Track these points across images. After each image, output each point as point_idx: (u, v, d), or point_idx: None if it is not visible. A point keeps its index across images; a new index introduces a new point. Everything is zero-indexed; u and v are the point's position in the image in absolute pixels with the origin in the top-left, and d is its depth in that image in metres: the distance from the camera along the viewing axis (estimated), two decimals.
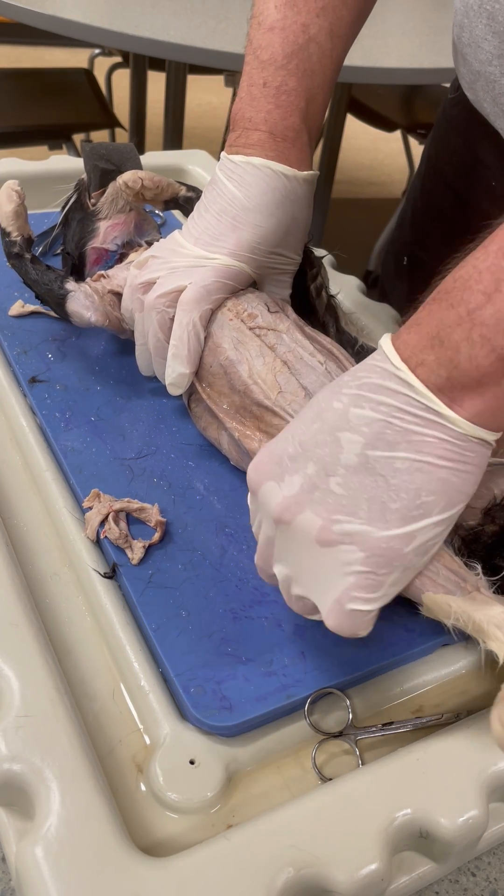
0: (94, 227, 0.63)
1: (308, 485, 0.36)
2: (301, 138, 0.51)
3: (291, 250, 0.54)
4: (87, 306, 0.56)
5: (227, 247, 0.51)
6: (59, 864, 0.32)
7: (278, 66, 0.50)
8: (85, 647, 0.43)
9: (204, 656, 0.42)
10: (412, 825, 0.35)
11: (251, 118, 0.51)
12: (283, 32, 0.50)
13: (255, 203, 0.51)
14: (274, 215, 0.51)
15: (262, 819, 0.35)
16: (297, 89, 0.50)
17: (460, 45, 0.62)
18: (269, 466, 0.38)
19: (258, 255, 0.52)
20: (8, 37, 3.51)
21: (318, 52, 0.51)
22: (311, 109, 0.51)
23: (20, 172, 0.79)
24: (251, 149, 0.51)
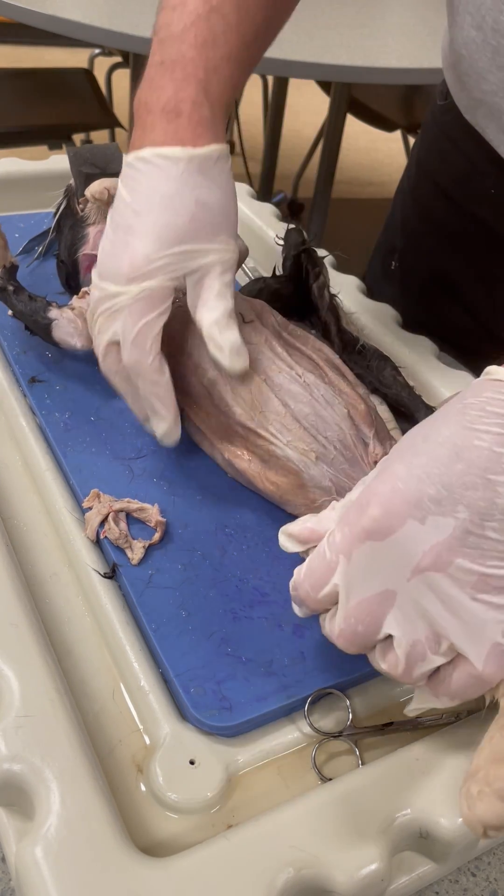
0: (83, 234, 0.62)
1: (461, 530, 0.33)
2: (199, 111, 0.46)
3: (209, 240, 0.47)
4: (71, 333, 0.56)
5: (121, 271, 0.46)
6: (59, 864, 0.32)
7: (175, 39, 0.46)
8: (85, 647, 0.43)
9: (204, 656, 0.42)
10: (412, 825, 0.35)
11: (146, 101, 0.47)
12: (184, 7, 0.46)
13: (145, 204, 0.46)
14: (168, 208, 0.45)
15: (262, 819, 0.35)
16: (194, 59, 0.46)
17: (458, 71, 0.62)
18: (407, 509, 0.33)
19: (162, 261, 0.45)
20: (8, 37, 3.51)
21: (222, 24, 0.46)
22: (214, 80, 0.46)
23: (20, 172, 0.79)
24: (144, 139, 0.46)
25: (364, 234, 2.39)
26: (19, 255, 0.70)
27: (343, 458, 0.47)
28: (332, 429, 0.47)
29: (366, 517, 0.34)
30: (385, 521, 0.34)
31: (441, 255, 0.76)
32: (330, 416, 0.47)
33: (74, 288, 0.64)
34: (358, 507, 0.35)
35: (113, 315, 0.46)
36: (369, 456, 0.47)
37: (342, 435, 0.47)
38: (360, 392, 0.50)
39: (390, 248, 0.83)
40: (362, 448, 0.47)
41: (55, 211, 0.67)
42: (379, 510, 0.34)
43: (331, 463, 0.46)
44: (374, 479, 0.35)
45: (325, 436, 0.47)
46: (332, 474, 0.46)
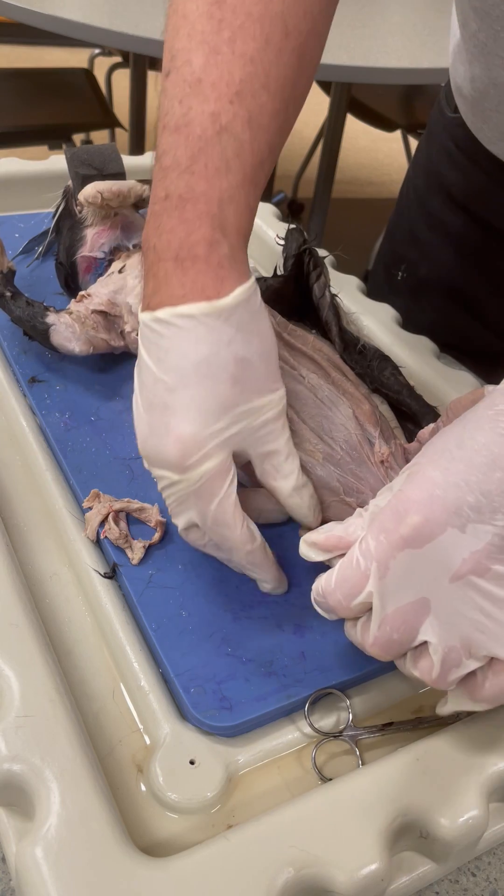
0: (81, 236, 0.62)
1: (500, 537, 0.33)
2: (217, 251, 0.39)
3: (258, 394, 0.41)
4: (69, 338, 0.56)
5: (171, 460, 0.39)
6: (59, 864, 0.32)
7: (182, 171, 0.39)
8: (85, 647, 0.43)
9: (204, 656, 0.42)
10: (412, 825, 0.35)
11: (154, 246, 0.40)
12: (189, 128, 0.39)
13: (176, 376, 0.39)
14: (206, 377, 0.39)
15: (262, 819, 0.35)
16: (206, 193, 0.39)
17: (484, 106, 0.61)
18: (446, 516, 0.33)
19: (214, 439, 0.39)
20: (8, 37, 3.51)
21: (235, 146, 0.39)
22: (230, 212, 0.40)
23: (20, 172, 0.79)
24: (159, 294, 0.40)
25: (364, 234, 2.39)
26: (19, 255, 0.70)
27: (350, 459, 0.47)
28: (337, 429, 0.47)
29: (405, 525, 0.34)
30: (425, 528, 0.33)
31: (456, 268, 0.75)
32: (335, 417, 0.47)
33: (73, 289, 0.64)
34: (394, 514, 0.34)
35: (181, 501, 0.41)
36: (375, 455, 0.47)
37: (348, 435, 0.47)
38: (362, 391, 0.50)
39: (396, 258, 0.82)
40: (368, 448, 0.47)
41: (54, 212, 0.67)
42: (419, 518, 0.33)
43: (337, 464, 0.46)
44: (408, 484, 0.35)
45: (332, 436, 0.47)
46: (339, 475, 0.46)
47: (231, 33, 0.39)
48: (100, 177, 0.62)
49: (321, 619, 0.43)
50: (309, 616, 0.44)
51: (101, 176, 0.62)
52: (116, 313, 0.58)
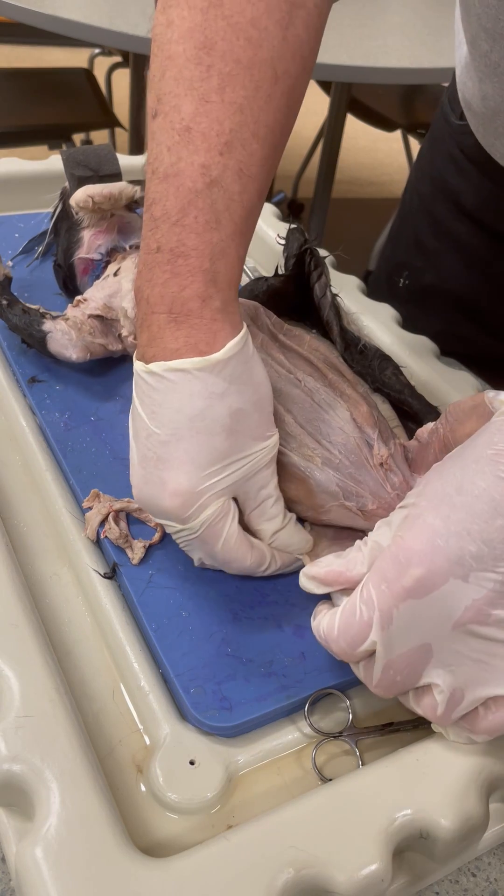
0: (78, 237, 0.62)
1: (502, 584, 0.33)
2: (210, 305, 0.39)
3: (252, 443, 0.42)
4: (66, 345, 0.56)
5: (169, 513, 0.41)
6: (59, 864, 0.32)
7: (172, 223, 0.39)
8: (85, 647, 0.43)
9: (204, 656, 0.42)
10: (412, 825, 0.35)
11: (147, 297, 0.40)
12: (178, 179, 0.39)
13: (170, 430, 0.39)
14: (200, 432, 0.39)
15: (262, 819, 0.35)
16: (197, 248, 0.39)
17: (492, 123, 0.60)
18: (448, 566, 0.33)
19: (210, 491, 0.40)
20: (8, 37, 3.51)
21: (225, 198, 0.39)
22: (221, 265, 0.40)
23: (20, 172, 0.79)
24: (154, 346, 0.40)
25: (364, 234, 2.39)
26: (19, 255, 0.70)
27: (348, 462, 0.46)
28: (335, 433, 0.47)
29: (408, 577, 0.34)
30: (428, 580, 0.34)
31: (463, 276, 0.75)
32: (332, 420, 0.47)
33: (72, 291, 0.64)
34: (395, 563, 0.34)
35: (187, 544, 0.43)
36: (374, 458, 0.47)
37: (346, 438, 0.47)
38: (360, 391, 0.50)
39: (400, 264, 0.81)
40: (367, 450, 0.47)
41: (51, 214, 0.67)
42: (422, 570, 0.34)
43: (336, 468, 0.46)
44: (408, 531, 0.35)
45: (330, 440, 0.47)
46: (338, 479, 0.46)
47: (220, 81, 0.39)
48: (96, 178, 0.61)
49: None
50: (309, 616, 0.44)
51: (97, 177, 0.62)
52: (113, 317, 0.58)
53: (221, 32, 0.39)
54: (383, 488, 0.46)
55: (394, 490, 0.46)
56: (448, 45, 1.65)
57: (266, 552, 0.44)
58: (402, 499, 0.46)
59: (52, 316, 0.57)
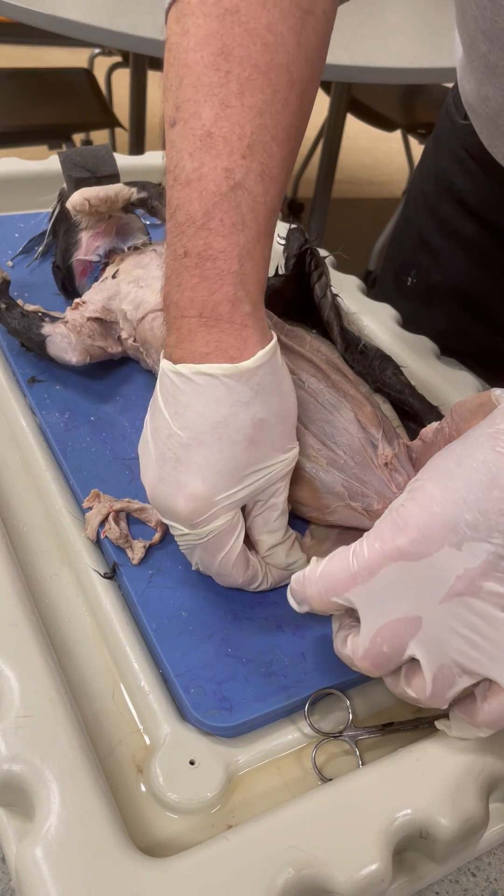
0: (76, 239, 0.62)
1: (495, 556, 0.33)
2: (240, 309, 0.39)
3: (272, 455, 0.42)
4: (65, 349, 0.56)
5: (180, 514, 0.40)
6: (59, 864, 0.32)
7: (198, 227, 0.39)
8: (85, 647, 0.43)
9: (204, 657, 0.42)
10: (412, 825, 0.35)
11: (177, 301, 0.40)
12: (201, 183, 0.39)
13: (192, 433, 0.39)
14: (222, 439, 0.39)
15: (262, 819, 0.35)
16: (225, 251, 0.39)
17: (494, 124, 0.60)
18: (443, 533, 0.33)
19: (225, 501, 0.40)
20: (8, 37, 3.51)
21: (249, 200, 0.39)
22: (249, 267, 0.40)
23: (20, 172, 0.79)
24: (182, 348, 0.40)
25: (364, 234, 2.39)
26: (19, 255, 0.70)
27: (353, 463, 0.47)
28: (340, 434, 0.47)
29: (402, 537, 0.34)
30: (422, 543, 0.34)
31: (469, 274, 0.75)
32: (337, 421, 0.47)
33: (71, 292, 0.64)
34: (393, 525, 0.35)
35: (188, 549, 0.43)
36: (379, 458, 0.47)
37: (350, 439, 0.47)
38: (363, 391, 0.50)
39: (405, 263, 0.82)
40: (371, 450, 0.47)
41: (50, 216, 0.67)
42: (417, 533, 0.34)
43: (341, 468, 0.46)
44: (408, 500, 0.35)
45: (335, 441, 0.47)
46: (343, 479, 0.46)
47: (239, 86, 0.39)
48: (93, 179, 0.61)
49: (321, 620, 0.43)
50: (309, 617, 0.44)
51: (95, 178, 0.61)
52: (112, 319, 0.58)
53: (238, 38, 0.39)
54: (388, 488, 0.46)
55: (399, 490, 0.47)
56: (449, 44, 1.65)
57: (259, 570, 0.44)
58: None
59: (50, 319, 0.57)
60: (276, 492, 0.43)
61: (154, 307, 0.54)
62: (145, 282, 0.56)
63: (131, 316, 0.56)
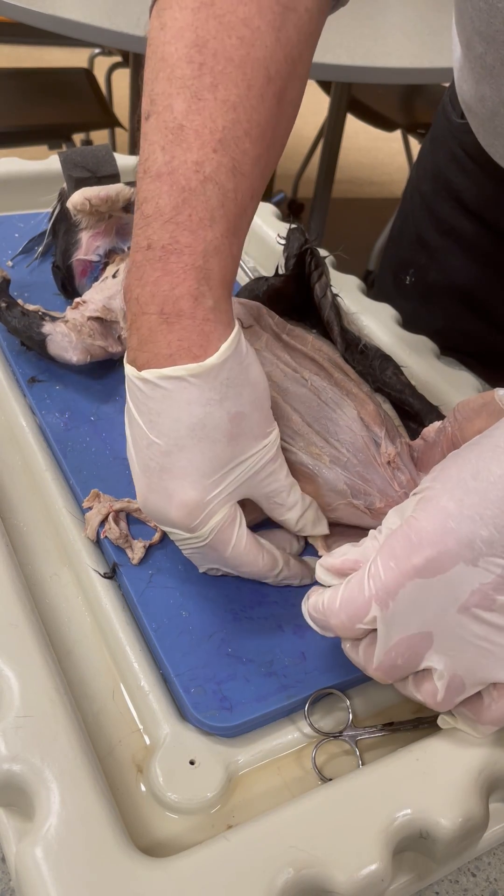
0: (76, 239, 0.62)
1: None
2: (202, 304, 0.38)
3: (255, 442, 0.41)
4: (66, 348, 0.56)
5: (176, 523, 0.40)
6: (59, 864, 0.32)
7: (165, 220, 0.38)
8: (85, 647, 0.43)
9: (204, 657, 0.42)
10: (412, 825, 0.35)
11: (138, 297, 0.39)
12: (172, 177, 0.38)
13: (171, 440, 0.39)
14: (202, 440, 0.39)
15: (262, 819, 0.35)
16: (190, 245, 0.38)
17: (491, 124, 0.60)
18: (459, 549, 0.33)
19: (217, 498, 0.40)
20: (8, 37, 3.51)
21: (219, 195, 0.38)
22: (214, 263, 0.39)
23: (20, 172, 0.79)
24: (146, 351, 0.39)
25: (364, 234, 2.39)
26: (19, 255, 0.70)
27: (356, 461, 0.46)
28: (343, 431, 0.47)
29: (418, 556, 0.34)
30: (438, 560, 0.33)
31: (468, 272, 0.75)
32: (340, 419, 0.47)
33: (71, 292, 0.64)
34: (407, 542, 0.34)
35: (196, 552, 0.43)
36: (381, 456, 0.47)
37: (353, 437, 0.47)
38: (364, 390, 0.50)
39: (403, 262, 0.82)
40: (374, 449, 0.47)
41: (49, 216, 0.67)
42: (432, 551, 0.33)
43: (344, 466, 0.46)
44: (421, 512, 0.35)
45: (337, 439, 0.47)
46: (346, 477, 0.46)
47: (213, 79, 0.38)
48: (94, 179, 0.61)
49: None
50: None
51: (96, 178, 0.61)
52: (112, 319, 0.58)
53: (213, 31, 0.38)
54: (391, 486, 0.46)
55: (401, 488, 0.47)
56: (448, 44, 1.65)
57: (278, 556, 0.44)
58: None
59: (51, 318, 0.57)
60: (271, 474, 0.43)
61: None
62: None
63: None
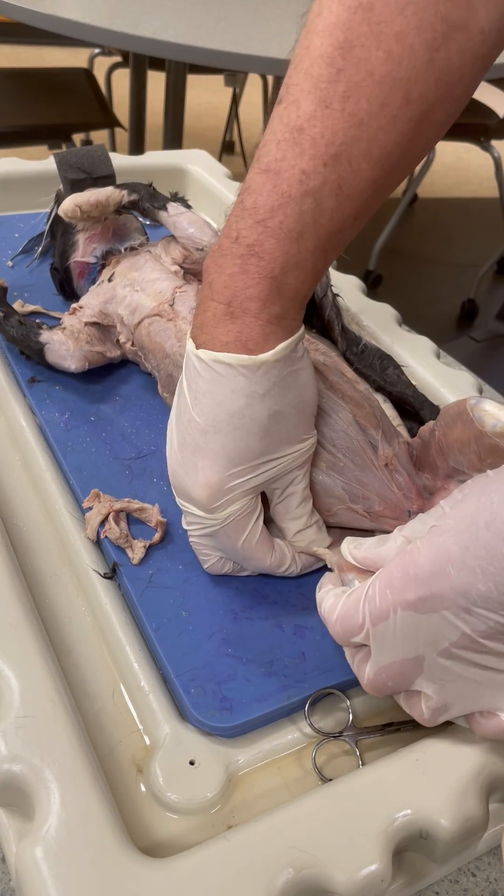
0: (73, 241, 0.62)
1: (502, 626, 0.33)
2: (268, 310, 0.39)
3: (288, 445, 0.42)
4: (63, 356, 0.56)
5: (198, 499, 0.42)
6: (59, 864, 0.32)
7: (257, 220, 0.38)
8: (85, 647, 0.43)
9: (204, 657, 0.41)
10: (412, 825, 0.35)
11: (212, 282, 0.40)
12: (277, 177, 0.38)
13: (210, 421, 0.40)
14: (238, 428, 0.40)
15: (261, 820, 0.35)
16: (272, 253, 0.38)
17: None
18: (453, 596, 0.33)
19: (239, 487, 0.41)
20: (8, 37, 3.51)
21: (315, 211, 0.38)
22: (292, 276, 0.39)
23: (20, 172, 0.79)
24: (206, 332, 0.40)
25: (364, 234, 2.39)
26: (18, 255, 0.70)
27: (353, 465, 0.46)
28: (339, 436, 0.47)
29: (411, 591, 0.34)
30: (429, 601, 0.33)
31: None
32: (336, 424, 0.47)
33: (70, 293, 0.64)
34: (404, 574, 0.34)
35: (208, 535, 0.43)
36: (379, 459, 0.47)
37: (349, 441, 0.47)
38: (361, 390, 0.50)
39: None
40: (371, 452, 0.47)
41: (47, 217, 0.67)
42: (426, 590, 0.33)
43: (341, 471, 0.46)
44: (425, 546, 0.34)
45: (334, 444, 0.47)
46: (343, 483, 0.46)
47: (346, 88, 0.36)
48: (90, 180, 0.61)
49: (321, 620, 0.43)
50: (309, 616, 0.44)
51: (91, 179, 0.61)
52: (109, 323, 0.58)
53: (363, 38, 0.36)
54: (389, 489, 0.46)
55: (399, 490, 0.46)
56: None
57: (287, 554, 0.45)
58: (409, 499, 0.46)
59: (48, 325, 0.57)
60: (294, 480, 0.44)
61: (149, 312, 0.54)
62: (140, 285, 0.56)
63: (128, 321, 0.56)
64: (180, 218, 0.57)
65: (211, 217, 0.85)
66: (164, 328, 0.53)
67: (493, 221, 2.63)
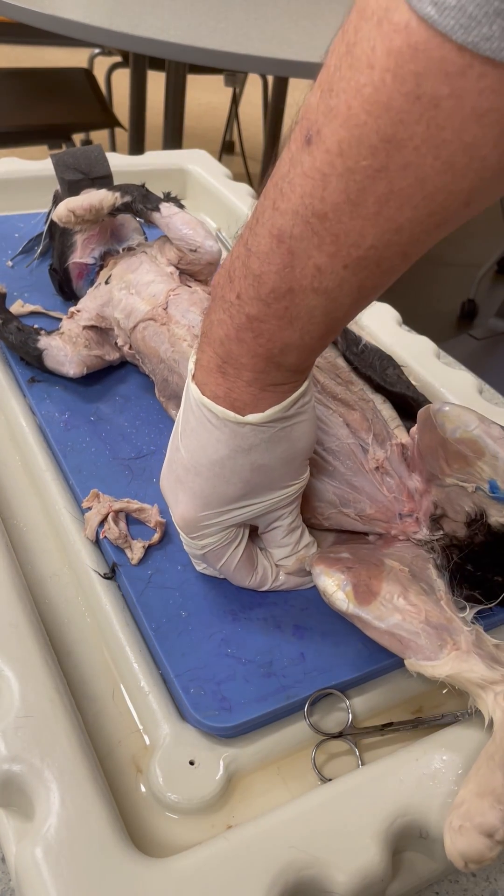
0: (72, 242, 0.62)
1: None
2: (262, 380, 0.36)
3: (268, 492, 0.41)
4: (62, 361, 0.56)
5: (178, 523, 0.42)
6: (59, 864, 0.32)
7: (261, 297, 0.34)
8: (85, 648, 0.43)
9: (204, 657, 0.42)
10: (412, 825, 0.35)
11: (210, 327, 0.37)
12: (290, 259, 0.32)
13: (192, 461, 0.39)
14: (218, 476, 0.39)
15: (261, 820, 0.35)
16: (271, 334, 0.35)
17: None
18: None
19: (214, 527, 0.41)
20: (8, 37, 3.51)
21: (326, 308, 0.33)
22: (293, 357, 0.36)
23: (20, 172, 0.79)
24: (201, 372, 0.38)
25: None
26: (19, 255, 0.70)
27: (344, 469, 0.46)
28: (329, 440, 0.47)
29: None
30: None
31: None
32: (326, 428, 0.47)
33: (69, 294, 0.64)
34: None
35: (192, 553, 0.45)
36: (369, 462, 0.47)
37: (340, 445, 0.47)
38: (356, 391, 0.50)
39: None
40: (362, 455, 0.47)
41: (45, 219, 0.67)
42: None
43: (332, 476, 0.46)
44: None
45: (325, 448, 0.47)
46: (334, 487, 0.46)
47: (388, 187, 0.29)
48: (87, 181, 0.61)
49: (320, 620, 0.43)
50: (308, 617, 0.44)
51: (88, 180, 0.61)
52: (107, 326, 0.58)
53: (420, 136, 0.27)
54: (380, 492, 0.46)
55: (390, 493, 0.47)
56: None
57: (269, 575, 0.45)
58: (399, 501, 0.46)
59: (47, 331, 0.57)
60: (280, 517, 0.44)
61: (143, 317, 0.54)
62: (136, 288, 0.56)
63: (124, 325, 0.56)
64: (173, 219, 0.57)
65: (210, 217, 0.85)
66: (158, 332, 0.53)
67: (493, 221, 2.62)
